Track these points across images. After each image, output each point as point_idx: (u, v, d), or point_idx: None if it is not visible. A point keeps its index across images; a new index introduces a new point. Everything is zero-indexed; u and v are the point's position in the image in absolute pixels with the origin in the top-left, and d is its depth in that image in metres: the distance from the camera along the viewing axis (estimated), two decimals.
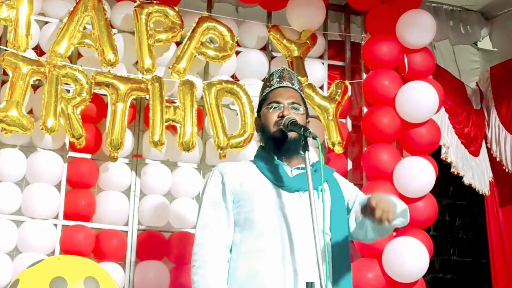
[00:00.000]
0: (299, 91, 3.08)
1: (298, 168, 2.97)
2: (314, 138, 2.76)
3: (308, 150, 2.78)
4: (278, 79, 3.06)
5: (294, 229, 2.85)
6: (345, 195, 3.07)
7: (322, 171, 2.84)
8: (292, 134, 2.92)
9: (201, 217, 2.95)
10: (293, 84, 3.06)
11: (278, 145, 2.97)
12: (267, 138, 3.00)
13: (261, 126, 3.04)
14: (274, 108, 2.98)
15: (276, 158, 2.98)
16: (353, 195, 3.09)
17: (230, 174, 2.97)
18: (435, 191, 4.87)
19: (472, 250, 6.88)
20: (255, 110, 3.19)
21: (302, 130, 2.80)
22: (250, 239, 2.87)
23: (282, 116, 2.94)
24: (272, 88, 3.05)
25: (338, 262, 2.93)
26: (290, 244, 2.83)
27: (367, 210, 2.77)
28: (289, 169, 2.96)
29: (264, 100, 3.05)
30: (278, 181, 2.92)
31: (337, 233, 2.97)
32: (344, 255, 2.97)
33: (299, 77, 3.20)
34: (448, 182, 6.43)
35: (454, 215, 6.95)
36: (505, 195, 5.91)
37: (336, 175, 3.20)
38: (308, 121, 3.09)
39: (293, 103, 2.99)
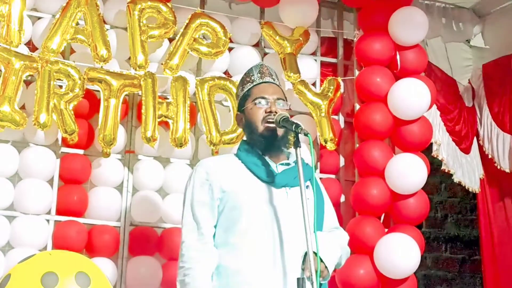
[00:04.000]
0: (280, 86, 3.09)
1: (282, 164, 2.98)
2: (306, 134, 2.77)
3: (300, 147, 2.79)
4: (259, 75, 3.06)
5: (283, 225, 2.86)
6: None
7: (313, 167, 2.84)
8: (280, 132, 2.92)
9: (186, 215, 2.94)
10: (274, 79, 3.08)
11: (267, 143, 2.96)
12: (255, 135, 2.99)
13: (246, 122, 3.02)
14: (260, 103, 2.98)
15: (261, 154, 2.98)
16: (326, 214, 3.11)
17: (215, 171, 2.95)
18: (427, 187, 4.89)
19: (464, 246, 6.90)
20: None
21: (294, 126, 2.81)
22: (238, 235, 2.87)
23: (270, 112, 2.94)
24: (254, 83, 3.04)
25: None
26: (280, 240, 2.84)
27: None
28: (274, 165, 2.97)
29: (247, 96, 3.03)
30: (266, 176, 2.92)
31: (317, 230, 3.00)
32: None
33: (276, 72, 3.19)
34: (440, 179, 6.47)
35: (446, 212, 6.98)
36: (497, 192, 5.93)
37: (317, 176, 3.21)
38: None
39: (278, 98, 3.00)
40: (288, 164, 2.97)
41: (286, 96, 3.09)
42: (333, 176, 5.02)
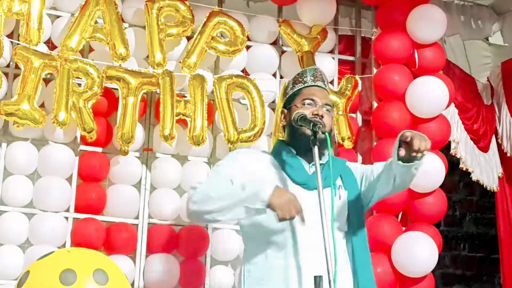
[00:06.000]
0: (329, 93, 3.11)
1: (314, 165, 2.97)
2: (324, 133, 2.77)
3: (318, 145, 2.79)
4: (312, 78, 3.06)
5: (310, 226, 2.85)
6: (359, 179, 3.11)
7: (331, 167, 2.82)
8: (320, 135, 2.92)
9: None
10: (325, 85, 3.09)
11: (303, 143, 2.93)
12: (296, 133, 2.97)
13: (290, 120, 3.01)
14: (308, 104, 2.98)
15: (295, 153, 2.99)
16: (368, 169, 3.13)
17: (255, 163, 2.97)
18: (445, 186, 4.88)
19: (482, 245, 6.88)
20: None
21: (311, 125, 2.81)
22: (269, 235, 2.90)
23: (316, 114, 2.93)
24: (306, 85, 3.04)
25: (360, 255, 3.02)
26: (307, 241, 2.85)
27: (402, 146, 2.77)
28: (307, 166, 2.98)
29: (296, 95, 3.03)
30: (298, 179, 2.94)
31: (355, 226, 3.03)
32: (365, 246, 3.05)
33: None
34: (458, 177, 6.44)
35: (465, 211, 6.95)
36: None
37: (349, 164, 3.21)
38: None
39: (326, 104, 3.01)
40: (320, 164, 2.95)
41: (333, 104, 3.12)
42: None
